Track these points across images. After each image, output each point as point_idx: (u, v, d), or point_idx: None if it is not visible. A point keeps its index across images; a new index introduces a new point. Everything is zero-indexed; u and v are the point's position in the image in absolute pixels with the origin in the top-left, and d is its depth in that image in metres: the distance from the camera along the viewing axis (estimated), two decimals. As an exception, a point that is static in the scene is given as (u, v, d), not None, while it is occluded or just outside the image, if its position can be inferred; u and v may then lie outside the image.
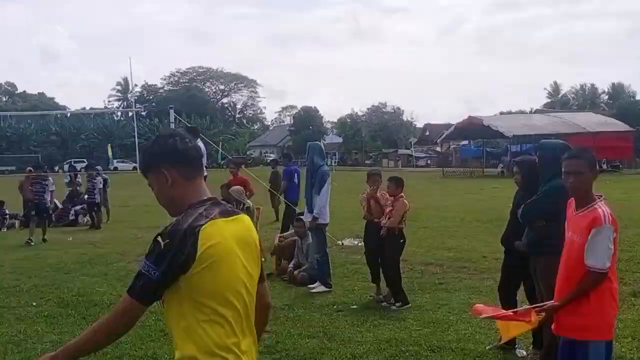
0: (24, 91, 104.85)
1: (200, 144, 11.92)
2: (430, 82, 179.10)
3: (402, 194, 8.35)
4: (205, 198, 2.56)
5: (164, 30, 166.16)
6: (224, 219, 2.50)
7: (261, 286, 2.73)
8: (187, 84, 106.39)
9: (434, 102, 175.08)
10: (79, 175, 22.46)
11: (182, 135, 2.64)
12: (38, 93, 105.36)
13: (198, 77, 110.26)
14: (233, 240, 2.49)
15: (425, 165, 70.98)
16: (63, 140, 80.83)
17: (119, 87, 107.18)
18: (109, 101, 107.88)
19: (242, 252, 2.52)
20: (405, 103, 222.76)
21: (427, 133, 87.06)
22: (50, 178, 16.29)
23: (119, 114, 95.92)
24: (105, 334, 2.45)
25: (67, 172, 25.38)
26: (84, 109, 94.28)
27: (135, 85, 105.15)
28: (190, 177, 2.56)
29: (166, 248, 2.35)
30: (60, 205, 20.00)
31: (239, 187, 11.60)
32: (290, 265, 10.20)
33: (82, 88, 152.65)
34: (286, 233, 11.88)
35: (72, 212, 19.83)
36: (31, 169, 17.62)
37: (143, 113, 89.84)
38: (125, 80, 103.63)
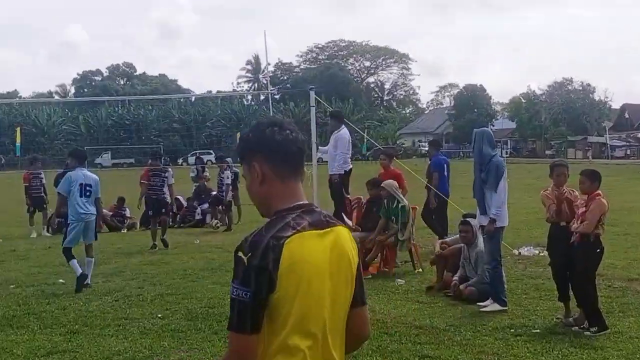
0: (144, 73, 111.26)
1: (344, 130, 12.22)
2: (629, 52, 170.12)
3: (599, 191, 7.99)
4: (297, 204, 2.56)
5: None
6: (315, 231, 2.50)
7: (359, 311, 2.71)
8: (326, 61, 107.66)
9: (633, 77, 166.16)
10: (206, 169, 23.36)
11: (284, 124, 2.62)
12: (159, 75, 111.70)
13: (339, 53, 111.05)
14: (322, 257, 2.49)
15: (624, 156, 67.89)
16: (187, 128, 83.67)
17: (249, 67, 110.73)
18: (238, 83, 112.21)
19: (332, 272, 2.51)
20: (596, 78, 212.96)
21: (626, 116, 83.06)
22: (170, 169, 16.67)
23: (249, 97, 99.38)
24: None
25: (194, 165, 26.54)
26: (209, 92, 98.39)
27: (268, 64, 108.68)
28: (283, 175, 2.58)
29: (250, 263, 2.39)
30: (184, 203, 20.94)
31: (392, 181, 11.60)
32: (455, 277, 10.05)
33: (207, 68, 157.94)
34: (449, 239, 11.73)
35: (199, 210, 20.74)
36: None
37: (277, 96, 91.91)
38: (257, 58, 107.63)
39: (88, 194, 11.07)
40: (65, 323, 8.79)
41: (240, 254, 2.42)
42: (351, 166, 12.49)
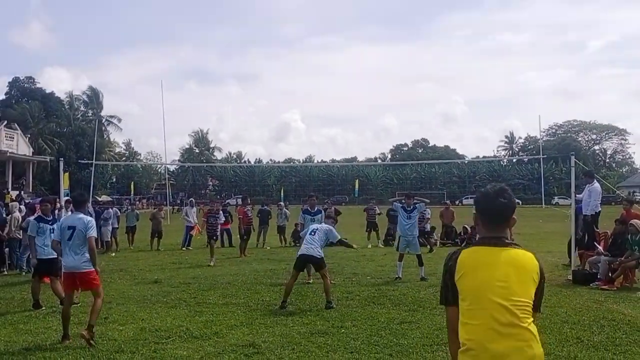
0: (434, 145, 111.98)
1: (597, 185, 11.46)
2: None
3: None
4: (488, 236, 2.61)
5: (540, 91, 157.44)
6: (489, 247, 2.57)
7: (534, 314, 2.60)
8: (562, 135, 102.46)
9: None
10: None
11: (490, 190, 2.63)
12: (444, 146, 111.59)
13: (572, 129, 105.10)
14: (489, 260, 2.54)
15: None
16: (462, 181, 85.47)
17: (505, 140, 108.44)
18: (497, 150, 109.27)
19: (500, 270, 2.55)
20: None
21: None
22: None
23: (505, 160, 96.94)
24: None
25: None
26: (477, 157, 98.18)
27: (520, 137, 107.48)
28: (484, 221, 2.64)
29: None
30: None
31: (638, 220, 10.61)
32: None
33: (475, 141, 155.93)
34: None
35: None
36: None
37: (525, 159, 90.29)
38: (511, 133, 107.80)
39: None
40: (407, 304, 8.99)
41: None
42: (600, 209, 11.61)
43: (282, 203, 24.21)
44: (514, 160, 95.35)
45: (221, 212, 17.10)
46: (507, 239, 2.57)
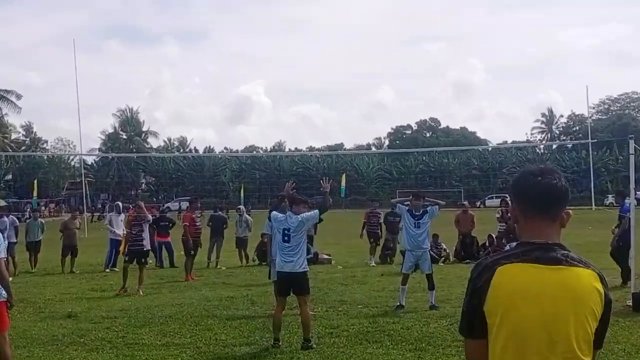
0: (447, 126, 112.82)
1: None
2: None
3: None
4: (532, 241, 2.51)
5: (587, 54, 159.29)
6: (538, 264, 2.45)
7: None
8: (618, 112, 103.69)
9: None
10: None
11: (537, 171, 2.57)
12: (460, 128, 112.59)
13: (631, 104, 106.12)
14: (535, 286, 2.43)
15: None
16: (484, 174, 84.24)
17: (542, 119, 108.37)
18: (532, 133, 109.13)
19: (548, 302, 2.42)
20: None
21: None
22: None
23: (542, 147, 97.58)
24: None
25: (499, 207, 26.58)
26: (505, 142, 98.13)
27: (561, 116, 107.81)
28: (526, 215, 2.56)
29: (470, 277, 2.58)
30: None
31: None
32: None
33: (501, 121, 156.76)
34: None
35: (507, 247, 20.58)
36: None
37: (569, 146, 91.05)
38: (550, 110, 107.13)
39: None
40: (411, 341, 9.04)
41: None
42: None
43: (242, 207, 24.12)
44: (554, 146, 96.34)
45: (149, 217, 16.29)
46: (560, 247, 2.51)
